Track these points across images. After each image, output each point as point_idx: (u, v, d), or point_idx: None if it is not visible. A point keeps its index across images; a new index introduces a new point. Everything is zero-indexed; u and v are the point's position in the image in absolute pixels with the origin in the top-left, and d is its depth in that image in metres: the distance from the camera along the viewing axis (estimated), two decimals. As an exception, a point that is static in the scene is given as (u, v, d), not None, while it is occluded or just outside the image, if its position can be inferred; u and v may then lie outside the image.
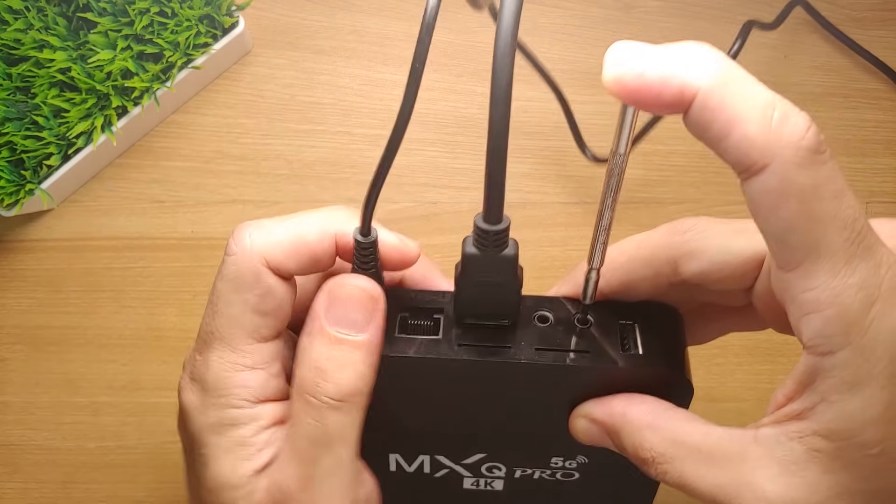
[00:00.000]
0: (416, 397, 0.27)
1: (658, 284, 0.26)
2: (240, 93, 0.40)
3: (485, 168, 0.21)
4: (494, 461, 0.29)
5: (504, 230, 0.23)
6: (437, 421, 0.28)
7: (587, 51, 0.41)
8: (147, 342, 0.40)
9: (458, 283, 0.25)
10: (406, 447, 0.29)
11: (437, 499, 0.31)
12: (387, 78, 0.41)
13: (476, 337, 0.25)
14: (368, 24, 0.41)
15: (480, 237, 0.24)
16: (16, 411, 0.40)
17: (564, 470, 0.29)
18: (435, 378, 0.26)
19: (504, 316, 0.26)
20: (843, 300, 0.20)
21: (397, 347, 0.25)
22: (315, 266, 0.25)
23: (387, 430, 0.28)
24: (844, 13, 0.41)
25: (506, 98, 0.20)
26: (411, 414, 0.27)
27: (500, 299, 0.25)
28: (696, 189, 0.41)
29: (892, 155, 0.41)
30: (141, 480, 0.40)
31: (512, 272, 0.24)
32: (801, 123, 0.19)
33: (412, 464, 0.29)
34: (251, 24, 0.40)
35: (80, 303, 0.40)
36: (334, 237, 0.25)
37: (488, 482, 0.30)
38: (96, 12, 0.36)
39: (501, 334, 0.26)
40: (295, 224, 0.25)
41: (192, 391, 0.25)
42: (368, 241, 0.24)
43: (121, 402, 0.40)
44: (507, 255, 0.24)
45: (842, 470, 0.21)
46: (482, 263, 0.24)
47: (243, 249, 0.25)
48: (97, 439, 0.40)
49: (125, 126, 0.37)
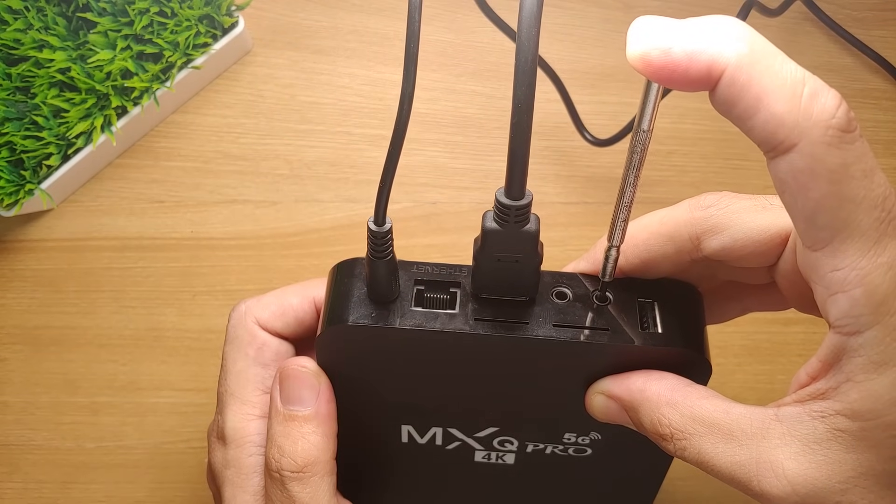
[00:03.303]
0: (430, 370, 0.27)
1: (679, 261, 0.25)
2: (240, 93, 0.40)
3: (509, 143, 0.21)
4: (507, 435, 0.29)
5: (526, 205, 0.23)
6: (451, 394, 0.28)
7: (587, 50, 0.41)
8: (147, 342, 0.40)
9: (476, 257, 0.25)
10: (419, 420, 0.29)
11: (448, 471, 0.31)
12: (387, 78, 0.40)
13: (493, 312, 0.25)
14: (368, 24, 0.41)
15: (501, 212, 0.23)
16: (15, 411, 0.40)
17: (577, 445, 0.29)
18: (450, 352, 0.26)
19: (522, 292, 0.25)
20: (872, 280, 0.19)
21: (412, 320, 0.25)
22: (299, 325, 0.29)
23: (400, 402, 0.28)
24: (845, 13, 0.41)
25: (531, 70, 0.20)
26: (425, 387, 0.27)
27: (519, 275, 0.25)
28: (696, 189, 0.41)
29: (892, 155, 0.41)
30: (141, 480, 0.40)
31: (533, 248, 0.24)
32: (830, 101, 0.19)
33: (424, 435, 0.29)
34: (251, 24, 0.40)
35: (79, 303, 0.40)
36: (313, 299, 0.29)
37: (500, 456, 0.30)
38: (96, 12, 0.36)
39: (518, 310, 0.25)
40: (281, 291, 0.29)
41: (217, 449, 0.28)
42: (383, 230, 0.24)
43: (120, 403, 0.40)
44: (529, 230, 0.24)
45: (865, 450, 0.21)
46: (502, 239, 0.24)
47: (239, 315, 0.29)
48: (97, 439, 0.40)
49: (125, 126, 0.37)
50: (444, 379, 0.27)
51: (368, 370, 0.27)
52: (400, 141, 0.22)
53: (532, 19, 0.20)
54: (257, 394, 0.28)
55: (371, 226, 0.24)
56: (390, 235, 0.24)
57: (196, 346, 0.40)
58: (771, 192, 0.43)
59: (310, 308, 0.29)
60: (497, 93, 0.40)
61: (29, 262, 0.40)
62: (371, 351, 0.26)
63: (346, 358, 0.27)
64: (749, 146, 0.41)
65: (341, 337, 0.26)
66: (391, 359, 0.26)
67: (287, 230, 0.40)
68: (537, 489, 0.31)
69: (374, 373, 0.27)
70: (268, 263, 0.40)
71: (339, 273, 0.27)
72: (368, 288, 0.26)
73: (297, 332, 0.29)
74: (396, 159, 0.22)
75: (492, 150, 0.40)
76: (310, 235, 0.40)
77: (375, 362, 0.27)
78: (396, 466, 0.30)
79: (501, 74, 0.41)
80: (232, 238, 0.40)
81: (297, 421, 0.27)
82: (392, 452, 0.29)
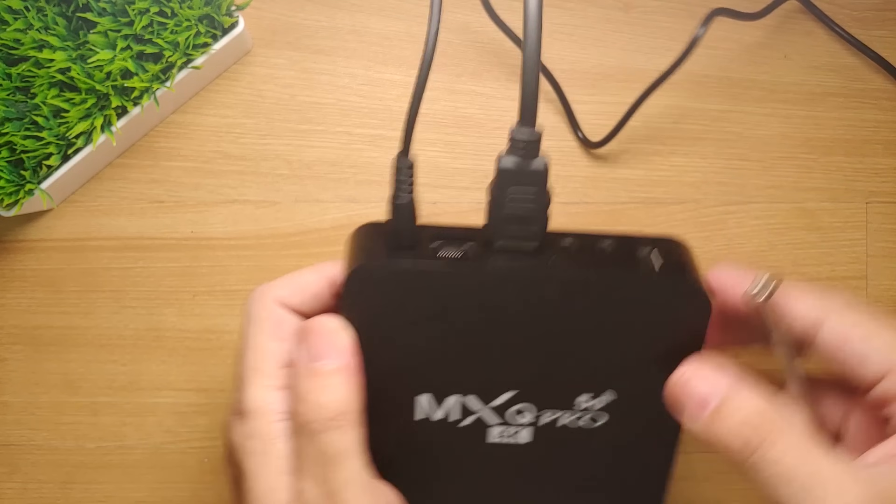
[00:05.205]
0: (449, 319, 0.28)
1: None
2: (240, 93, 0.40)
3: (521, 78, 0.25)
4: (524, 401, 0.30)
5: (537, 140, 0.26)
6: (469, 348, 0.29)
7: (586, 51, 0.41)
8: (147, 342, 0.40)
9: (491, 193, 0.27)
10: (437, 384, 0.30)
11: (460, 455, 0.31)
12: (387, 78, 0.41)
13: (506, 258, 0.27)
14: (368, 24, 0.41)
15: (515, 144, 0.26)
16: (15, 411, 0.40)
17: (592, 412, 0.30)
18: (467, 294, 0.27)
19: (533, 236, 0.27)
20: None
21: (428, 265, 0.27)
22: (316, 301, 0.29)
23: (417, 366, 0.29)
24: (845, 13, 0.41)
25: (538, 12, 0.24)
26: (444, 340, 0.29)
27: (531, 216, 0.27)
28: (696, 189, 0.41)
29: (892, 155, 0.41)
30: (141, 480, 0.40)
31: (543, 184, 0.27)
32: None
33: (441, 406, 0.30)
34: (251, 24, 0.40)
35: (79, 303, 0.40)
36: (329, 278, 0.29)
37: (514, 433, 0.30)
38: (96, 12, 0.36)
39: (530, 256, 0.28)
40: (296, 272, 0.30)
41: (235, 426, 0.28)
42: (407, 163, 0.27)
43: (120, 403, 0.40)
44: (539, 166, 0.26)
45: None
46: (515, 174, 0.26)
47: (257, 294, 0.29)
48: (97, 439, 0.40)
49: (125, 126, 0.37)
50: (463, 330, 0.28)
51: (390, 321, 0.28)
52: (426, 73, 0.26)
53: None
54: (277, 367, 0.28)
55: (397, 161, 0.27)
56: (413, 171, 0.27)
57: (196, 346, 0.40)
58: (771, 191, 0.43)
59: (326, 285, 0.29)
60: (497, 93, 0.40)
61: (29, 262, 0.40)
62: (392, 297, 0.27)
63: (368, 308, 0.28)
64: (749, 146, 0.41)
65: (364, 280, 0.27)
66: (411, 306, 0.27)
67: (287, 230, 0.40)
68: (549, 476, 0.32)
69: (395, 324, 0.28)
70: (268, 263, 0.40)
71: (359, 233, 0.29)
72: (390, 237, 0.28)
73: (314, 308, 0.30)
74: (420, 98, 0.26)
75: (492, 150, 0.40)
76: (310, 235, 0.40)
77: (396, 311, 0.28)
78: (406, 452, 0.31)
79: (501, 74, 0.41)
80: (232, 238, 0.40)
81: (325, 374, 0.27)
82: (403, 435, 0.30)
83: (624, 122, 0.39)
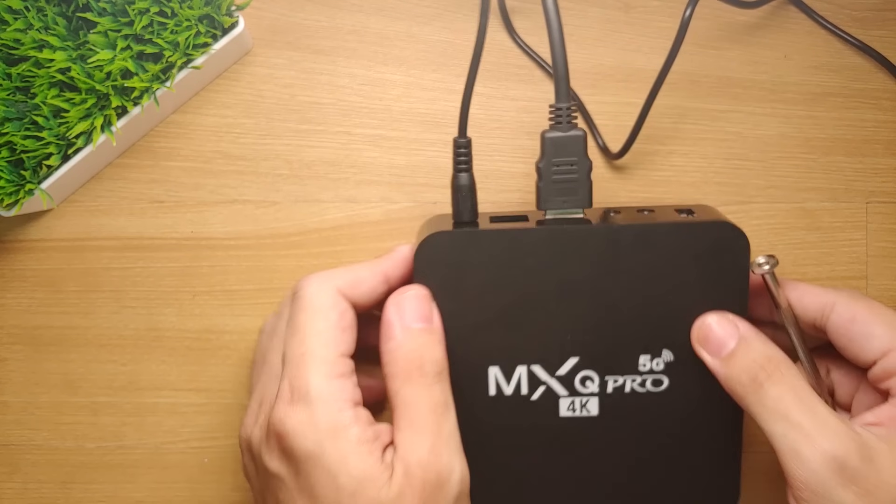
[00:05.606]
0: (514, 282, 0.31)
1: None
2: (239, 93, 0.40)
3: (551, 59, 0.30)
4: (587, 368, 0.31)
5: (573, 106, 0.31)
6: (528, 317, 0.31)
7: (587, 50, 0.41)
8: (146, 342, 0.40)
9: (539, 170, 0.31)
10: (504, 357, 0.31)
11: (535, 431, 0.32)
12: (387, 78, 0.40)
13: (558, 222, 0.31)
14: (368, 24, 0.41)
15: (555, 114, 0.31)
16: (15, 411, 0.40)
17: (653, 375, 0.31)
18: (523, 259, 0.31)
19: (580, 202, 0.31)
20: None
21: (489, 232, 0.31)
22: (371, 295, 0.31)
23: (483, 336, 0.31)
24: (845, 13, 0.41)
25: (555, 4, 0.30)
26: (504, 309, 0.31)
27: (576, 181, 0.31)
28: (696, 189, 0.41)
29: (892, 155, 0.41)
30: (141, 480, 0.40)
31: (583, 151, 0.31)
32: None
33: (510, 380, 0.31)
34: (251, 24, 0.40)
35: (79, 303, 0.40)
36: (383, 273, 0.31)
37: (583, 403, 0.31)
38: (96, 12, 0.36)
39: (579, 220, 0.31)
40: (351, 266, 0.32)
41: (293, 413, 0.28)
42: (464, 141, 0.32)
43: (120, 403, 0.40)
44: (578, 133, 0.31)
45: None
46: (557, 144, 0.31)
47: (318, 282, 0.31)
48: (97, 439, 0.40)
49: (125, 126, 0.37)
50: (522, 294, 0.31)
51: (459, 287, 0.31)
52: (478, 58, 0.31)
53: None
54: (339, 355, 0.29)
55: (457, 139, 0.32)
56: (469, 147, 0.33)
57: (196, 346, 0.40)
58: (771, 191, 0.43)
59: (381, 281, 0.31)
60: (497, 93, 0.40)
61: (28, 262, 0.40)
62: (458, 262, 0.31)
63: (439, 274, 0.31)
64: (749, 146, 0.41)
65: (433, 247, 0.31)
66: (475, 271, 0.31)
67: (287, 230, 0.40)
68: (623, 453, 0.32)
69: (460, 291, 0.31)
70: (268, 263, 0.40)
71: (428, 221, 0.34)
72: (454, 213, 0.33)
73: (368, 302, 0.31)
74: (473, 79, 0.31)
75: (492, 150, 0.40)
76: (310, 235, 0.40)
77: (462, 277, 0.31)
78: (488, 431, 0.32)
79: (501, 74, 0.41)
80: (232, 238, 0.40)
81: (425, 333, 0.30)
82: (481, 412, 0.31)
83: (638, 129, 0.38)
